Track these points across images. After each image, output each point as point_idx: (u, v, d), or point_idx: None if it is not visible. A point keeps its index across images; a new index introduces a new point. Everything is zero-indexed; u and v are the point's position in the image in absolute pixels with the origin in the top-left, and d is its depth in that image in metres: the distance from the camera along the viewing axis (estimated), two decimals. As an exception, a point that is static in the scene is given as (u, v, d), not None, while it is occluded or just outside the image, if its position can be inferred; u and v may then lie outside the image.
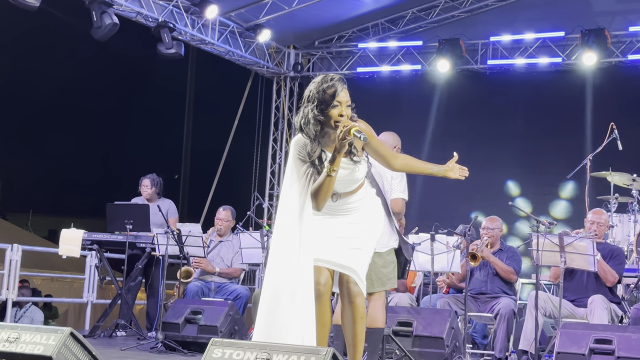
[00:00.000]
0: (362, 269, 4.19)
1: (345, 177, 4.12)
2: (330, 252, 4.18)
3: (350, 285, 4.18)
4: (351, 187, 4.19)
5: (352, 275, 4.16)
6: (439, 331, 6.29)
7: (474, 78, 12.30)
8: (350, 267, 4.16)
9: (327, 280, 4.20)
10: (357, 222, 4.22)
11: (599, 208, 7.58)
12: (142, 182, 8.67)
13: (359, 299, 4.19)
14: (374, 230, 4.30)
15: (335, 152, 3.94)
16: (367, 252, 4.24)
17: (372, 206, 4.31)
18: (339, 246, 4.18)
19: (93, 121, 20.87)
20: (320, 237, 4.22)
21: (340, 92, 4.01)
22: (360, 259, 4.19)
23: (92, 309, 9.86)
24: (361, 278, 4.18)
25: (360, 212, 4.23)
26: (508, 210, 7.09)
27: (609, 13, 11.29)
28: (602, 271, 6.60)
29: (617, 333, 5.71)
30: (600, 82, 11.44)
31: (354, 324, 4.24)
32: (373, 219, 4.29)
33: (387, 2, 12.03)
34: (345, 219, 4.22)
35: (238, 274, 8.45)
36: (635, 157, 9.63)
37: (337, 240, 4.19)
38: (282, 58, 13.26)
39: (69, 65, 19.32)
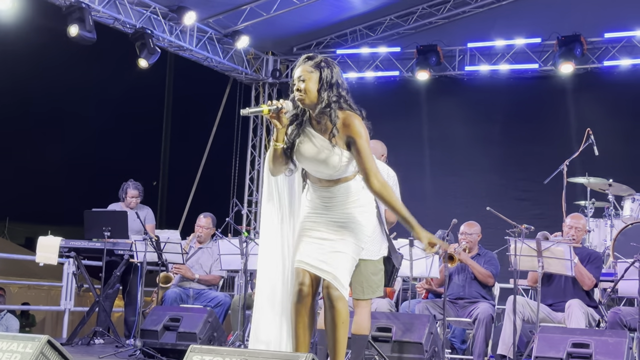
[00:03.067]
0: (342, 273, 4.12)
1: (312, 154, 4.11)
2: (310, 254, 4.14)
3: (330, 290, 4.11)
4: (322, 170, 4.13)
5: (331, 280, 4.09)
6: (418, 336, 6.30)
7: (451, 84, 12.35)
8: (329, 272, 4.10)
9: (309, 282, 4.15)
10: (341, 222, 4.15)
11: (577, 213, 7.63)
12: (130, 192, 8.52)
13: (339, 304, 4.12)
14: (359, 233, 4.20)
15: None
16: (349, 255, 4.16)
17: (361, 208, 4.21)
18: (319, 248, 4.13)
19: (70, 127, 20.74)
20: (301, 237, 4.21)
21: (297, 69, 4.16)
22: (341, 262, 4.12)
23: (69, 317, 9.78)
24: (342, 283, 4.11)
25: (345, 212, 4.17)
26: (487, 215, 7.11)
27: (585, 20, 11.38)
28: (579, 275, 6.64)
29: (594, 337, 5.75)
30: (577, 88, 11.54)
31: (335, 329, 4.17)
32: (359, 221, 4.19)
33: (365, 9, 12.07)
34: (328, 218, 4.17)
35: (217, 281, 8.44)
36: (611, 162, 9.72)
37: (317, 241, 4.15)
38: (261, 64, 13.26)
39: (45, 70, 19.20)
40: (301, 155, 4.16)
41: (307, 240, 4.18)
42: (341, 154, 4.08)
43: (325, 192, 4.19)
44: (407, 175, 12.43)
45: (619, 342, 5.64)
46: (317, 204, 4.21)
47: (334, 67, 4.15)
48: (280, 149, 4.16)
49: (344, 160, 4.10)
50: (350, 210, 4.17)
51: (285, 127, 4.14)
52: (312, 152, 4.11)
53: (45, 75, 19.56)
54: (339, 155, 4.08)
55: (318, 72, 4.09)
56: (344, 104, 4.11)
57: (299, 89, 4.08)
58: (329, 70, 4.11)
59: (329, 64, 4.15)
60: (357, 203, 4.19)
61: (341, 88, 4.13)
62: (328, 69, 4.11)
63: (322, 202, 4.20)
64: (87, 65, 18.13)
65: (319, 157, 4.10)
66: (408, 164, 11.86)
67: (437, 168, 11.95)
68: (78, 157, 21.72)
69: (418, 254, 6.90)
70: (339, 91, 4.11)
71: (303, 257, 4.17)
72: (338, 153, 4.08)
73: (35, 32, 15.20)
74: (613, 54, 11.39)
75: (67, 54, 14.20)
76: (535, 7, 11.79)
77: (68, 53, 12.21)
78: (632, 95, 11.11)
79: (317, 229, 4.17)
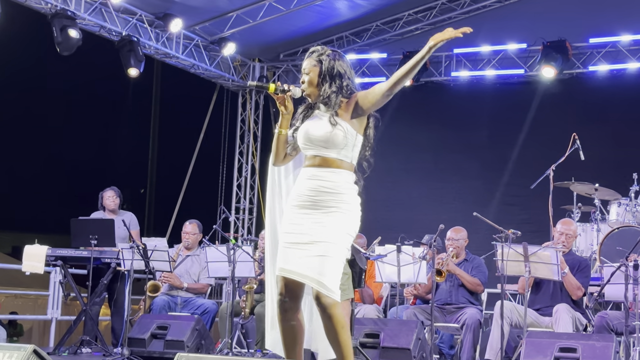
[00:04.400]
0: (329, 277, 4.00)
1: (314, 129, 4.10)
2: (291, 260, 4.05)
3: (321, 299, 4.00)
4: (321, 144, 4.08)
5: (318, 287, 4.00)
6: (406, 342, 6.31)
7: (438, 90, 12.39)
8: (313, 278, 4.00)
9: (285, 291, 4.08)
10: (326, 224, 4.05)
11: (568, 218, 7.64)
12: (106, 194, 8.55)
13: (334, 310, 4.01)
14: (345, 235, 4.09)
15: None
16: (335, 257, 4.04)
17: (348, 210, 4.10)
18: (303, 254, 4.03)
19: (57, 136, 20.68)
20: (283, 242, 4.14)
21: (303, 63, 4.24)
22: (326, 266, 4.00)
23: (56, 326, 9.73)
24: (329, 288, 4.00)
25: (331, 213, 4.06)
26: (474, 221, 7.13)
27: (570, 25, 11.44)
28: (569, 285, 6.65)
29: (581, 341, 5.78)
30: (562, 93, 11.60)
31: (336, 335, 4.06)
32: (345, 223, 4.09)
33: (351, 15, 12.09)
34: (313, 219, 4.06)
35: (205, 289, 8.43)
36: (597, 166, 9.76)
37: (300, 247, 4.05)
38: (247, 71, 13.26)
39: (31, 78, 19.15)
40: (304, 130, 4.15)
41: (289, 246, 4.10)
42: (346, 132, 4.07)
43: (317, 177, 4.09)
44: (394, 180, 12.53)
45: (606, 346, 5.67)
46: (304, 198, 4.10)
47: (336, 59, 4.17)
48: (284, 136, 4.22)
49: (350, 139, 4.08)
50: (337, 210, 4.07)
51: (290, 115, 4.21)
52: (316, 126, 4.11)
53: (31, 82, 19.51)
54: (344, 131, 4.06)
55: (319, 65, 4.15)
56: (345, 94, 4.14)
57: (303, 81, 4.20)
58: (330, 62, 4.14)
59: (330, 56, 4.17)
60: (344, 202, 4.09)
61: (344, 78, 4.15)
62: (328, 61, 4.15)
63: (310, 195, 4.09)
64: (74, 74, 18.09)
65: (322, 130, 4.07)
66: (395, 169, 11.88)
67: (423, 173, 11.96)
68: (65, 165, 21.66)
69: (406, 260, 6.91)
70: (341, 82, 4.14)
71: (284, 264, 4.10)
72: (342, 130, 4.06)
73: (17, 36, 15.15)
74: (598, 59, 11.45)
75: (51, 60, 14.15)
76: (520, 13, 11.85)
77: (52, 59, 12.16)
78: (617, 100, 11.17)
79: (301, 232, 4.07)
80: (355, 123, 4.12)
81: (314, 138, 4.10)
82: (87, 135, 21.19)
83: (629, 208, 8.65)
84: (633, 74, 11.31)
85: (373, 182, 4.41)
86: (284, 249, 4.12)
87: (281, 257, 4.13)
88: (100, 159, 21.04)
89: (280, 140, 4.24)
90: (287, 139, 4.25)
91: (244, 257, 7.35)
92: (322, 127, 4.08)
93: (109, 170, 19.04)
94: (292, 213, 4.15)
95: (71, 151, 21.17)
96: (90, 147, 21.45)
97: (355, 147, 4.14)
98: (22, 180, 21.36)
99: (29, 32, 13.75)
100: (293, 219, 4.13)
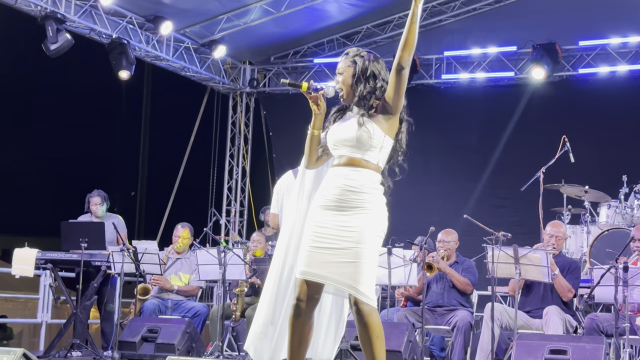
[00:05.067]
0: (365, 283, 3.92)
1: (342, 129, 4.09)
2: (322, 266, 3.96)
3: (360, 306, 3.92)
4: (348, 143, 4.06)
5: (356, 294, 3.91)
6: (397, 344, 6.31)
7: (428, 92, 12.41)
8: (350, 285, 3.92)
9: (306, 297, 4.00)
10: (353, 228, 3.98)
11: (557, 220, 7.66)
12: (92, 199, 8.55)
13: (371, 319, 3.93)
14: (373, 238, 4.02)
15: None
16: (367, 262, 3.96)
17: (370, 204, 4.05)
18: (331, 259, 3.95)
19: (46, 139, 20.59)
20: (307, 244, 4.04)
21: (338, 63, 4.23)
22: (360, 272, 3.92)
23: (46, 329, 9.70)
24: (367, 295, 3.91)
25: (358, 216, 4.00)
26: (464, 223, 7.15)
27: (560, 28, 11.48)
28: (559, 287, 6.67)
29: (571, 343, 5.80)
30: (552, 96, 11.64)
31: (371, 346, 3.94)
32: (371, 226, 4.02)
33: (342, 18, 12.10)
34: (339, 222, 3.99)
35: (196, 291, 8.41)
36: (587, 169, 9.80)
37: (329, 252, 3.97)
38: (238, 74, 13.26)
39: (20, 81, 19.07)
40: (334, 131, 4.13)
41: (315, 249, 4.00)
42: (374, 133, 4.04)
43: (342, 175, 4.05)
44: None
45: (596, 348, 5.70)
46: (329, 197, 4.04)
47: (371, 60, 4.17)
48: (317, 136, 4.18)
49: (378, 141, 4.06)
50: (362, 212, 4.01)
51: (323, 115, 4.16)
52: (346, 127, 4.08)
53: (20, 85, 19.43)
54: (371, 132, 4.03)
55: (353, 66, 4.15)
56: (379, 95, 4.12)
57: (338, 81, 4.17)
58: (364, 62, 4.14)
59: (365, 57, 4.17)
60: (368, 201, 4.04)
61: (378, 79, 4.14)
62: (363, 61, 4.14)
63: (335, 194, 4.03)
64: (63, 76, 18.03)
65: (351, 131, 4.04)
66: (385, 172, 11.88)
67: (414, 176, 11.86)
68: (55, 168, 21.58)
69: (396, 262, 6.92)
70: (375, 83, 4.13)
71: (309, 267, 4.00)
72: (370, 131, 4.03)
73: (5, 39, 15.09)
74: (588, 61, 11.50)
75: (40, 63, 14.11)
76: (510, 15, 11.88)
77: (42, 61, 12.12)
78: (607, 103, 11.21)
79: (323, 235, 4.00)
80: (384, 124, 4.09)
81: (341, 138, 4.08)
82: (77, 138, 21.10)
83: (618, 210, 8.68)
84: (623, 77, 11.36)
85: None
86: (308, 252, 4.02)
87: (305, 260, 4.02)
88: (91, 161, 20.96)
89: (313, 141, 4.19)
90: (319, 140, 4.20)
91: (235, 260, 7.34)
92: (350, 127, 4.06)
93: (100, 173, 18.97)
94: (317, 214, 4.08)
95: (61, 154, 21.09)
96: (80, 149, 21.36)
97: (383, 149, 4.11)
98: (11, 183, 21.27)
99: (19, 35, 13.70)
100: (318, 221, 4.05)
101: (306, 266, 4.01)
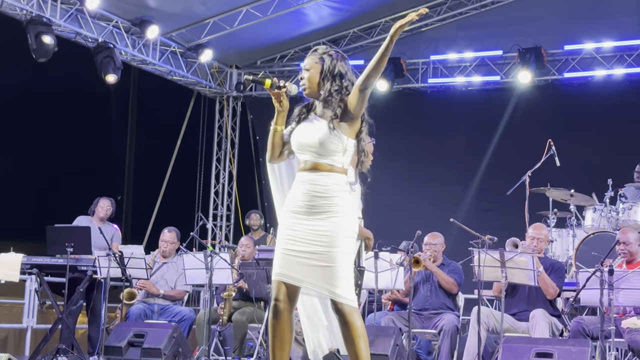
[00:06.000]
0: (342, 286, 3.97)
1: (308, 133, 4.09)
2: (297, 269, 4.01)
3: (339, 306, 3.97)
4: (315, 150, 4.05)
5: (334, 297, 3.97)
6: (384, 349, 6.31)
7: (415, 97, 12.45)
8: (327, 289, 3.97)
9: (284, 297, 4.05)
10: (323, 232, 4.00)
11: (539, 223, 7.70)
12: (102, 201, 8.51)
13: (352, 318, 3.97)
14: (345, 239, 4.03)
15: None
16: (341, 264, 4.00)
17: (345, 216, 4.06)
18: (306, 263, 3.99)
19: (30, 142, 20.49)
20: (281, 249, 4.09)
21: (305, 59, 4.23)
22: (335, 275, 3.96)
23: (32, 334, 9.64)
24: (345, 296, 3.96)
25: (328, 220, 4.02)
26: (451, 226, 7.17)
27: (545, 32, 11.54)
28: (543, 284, 6.69)
29: (557, 346, 5.81)
30: (538, 100, 11.70)
31: (354, 345, 3.99)
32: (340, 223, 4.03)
33: (328, 22, 12.12)
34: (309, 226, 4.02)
35: (182, 296, 8.38)
36: (573, 172, 9.83)
37: (301, 255, 4.01)
38: (225, 78, 13.26)
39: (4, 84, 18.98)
40: (298, 135, 4.14)
41: (288, 252, 4.05)
42: (339, 138, 4.06)
43: (309, 181, 4.07)
44: (370, 187, 12.51)
45: (582, 351, 5.71)
46: (298, 203, 4.08)
47: (339, 59, 4.19)
48: (279, 132, 4.19)
49: (342, 145, 4.07)
50: (332, 215, 4.03)
51: (286, 112, 4.18)
52: (309, 132, 4.09)
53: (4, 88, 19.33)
54: (338, 137, 4.05)
55: (321, 63, 4.16)
56: (345, 96, 4.13)
57: (302, 78, 4.17)
58: (332, 61, 4.15)
59: (333, 55, 4.18)
60: (337, 205, 4.05)
61: (344, 79, 4.15)
62: (330, 60, 4.15)
63: (303, 200, 4.07)
64: (49, 80, 17.97)
65: (315, 136, 4.06)
66: (371, 176, 11.90)
67: (400, 180, 11.99)
68: (41, 172, 21.49)
69: (383, 266, 6.92)
70: (342, 82, 4.14)
71: (285, 270, 4.05)
72: (337, 135, 4.05)
73: None
74: (573, 65, 11.56)
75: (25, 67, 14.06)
76: (496, 20, 11.94)
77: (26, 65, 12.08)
78: (591, 106, 11.27)
79: (296, 238, 4.04)
80: (347, 128, 4.11)
81: (305, 143, 4.10)
82: (63, 142, 21.02)
83: (604, 214, 8.72)
84: (607, 81, 11.44)
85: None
86: (283, 255, 4.08)
87: (280, 262, 4.08)
88: (77, 165, 20.87)
89: (276, 137, 4.21)
90: (282, 135, 4.22)
91: (222, 264, 7.33)
92: (315, 132, 4.07)
93: (86, 177, 18.90)
94: (288, 218, 4.13)
95: (46, 158, 21.00)
96: (66, 153, 21.28)
97: (347, 152, 4.12)
98: (-4, 188, 21.16)
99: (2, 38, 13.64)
100: (289, 225, 4.11)
101: (281, 268, 4.07)
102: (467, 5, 12.01)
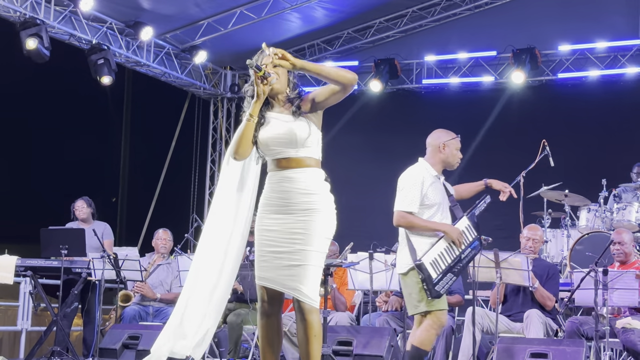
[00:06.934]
0: (308, 285, 3.99)
1: (277, 129, 4.06)
2: (269, 269, 4.05)
3: (300, 304, 4.00)
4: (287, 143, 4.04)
5: (297, 296, 3.99)
6: (379, 349, 6.31)
7: (409, 97, 12.45)
8: (293, 287, 3.99)
9: (268, 299, 4.09)
10: (298, 231, 4.01)
11: (534, 224, 7.70)
12: (76, 204, 8.52)
13: (311, 316, 3.99)
14: (319, 238, 4.04)
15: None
16: (313, 264, 4.01)
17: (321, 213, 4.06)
18: (278, 263, 4.02)
19: (24, 145, 20.44)
20: (258, 251, 4.11)
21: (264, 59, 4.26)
22: (305, 274, 3.98)
23: (26, 337, 9.62)
24: (309, 295, 3.98)
25: (303, 218, 4.02)
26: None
27: (539, 33, 11.56)
28: (540, 297, 6.67)
29: (552, 347, 5.82)
30: (532, 100, 11.72)
31: (307, 343, 4.02)
32: (319, 222, 4.04)
33: (322, 23, 12.12)
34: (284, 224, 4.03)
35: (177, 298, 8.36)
36: (567, 173, 9.84)
37: (274, 255, 4.04)
38: (219, 79, 13.25)
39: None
40: (267, 132, 4.08)
41: (266, 254, 4.08)
42: (308, 126, 4.06)
43: (286, 179, 4.05)
44: (366, 187, 12.53)
45: (577, 351, 5.72)
46: (276, 202, 4.07)
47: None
48: (253, 125, 4.06)
49: (312, 132, 4.06)
50: (311, 213, 4.03)
51: (261, 103, 4.07)
52: (279, 127, 4.06)
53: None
54: (307, 125, 4.06)
55: None
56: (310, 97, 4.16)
57: (277, 72, 4.13)
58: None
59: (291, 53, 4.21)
60: (317, 202, 4.05)
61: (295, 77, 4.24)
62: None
63: (282, 198, 4.06)
64: (42, 82, 17.93)
65: (287, 128, 4.04)
66: (366, 176, 11.91)
67: (395, 180, 11.96)
68: (34, 174, 21.44)
69: (378, 267, 6.92)
70: (296, 79, 4.24)
71: (262, 272, 4.10)
72: (305, 123, 4.05)
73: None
74: (567, 66, 11.58)
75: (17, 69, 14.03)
76: (490, 20, 11.95)
77: (18, 68, 12.06)
78: (586, 107, 11.29)
79: (272, 239, 4.06)
80: (315, 120, 4.12)
81: (280, 138, 4.05)
82: (56, 144, 20.98)
83: (598, 214, 8.74)
84: (601, 81, 11.47)
85: (345, 188, 4.43)
86: (259, 257, 4.10)
87: (258, 265, 4.11)
88: (71, 167, 20.82)
89: (249, 130, 4.06)
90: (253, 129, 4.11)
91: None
92: (286, 125, 4.06)
93: (80, 179, 18.86)
94: (266, 219, 4.12)
95: (40, 160, 20.96)
96: (60, 155, 21.23)
97: (319, 143, 4.13)
98: (-10, 190, 21.10)
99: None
100: (266, 225, 4.11)
101: (259, 270, 4.12)
102: (461, 6, 12.03)
